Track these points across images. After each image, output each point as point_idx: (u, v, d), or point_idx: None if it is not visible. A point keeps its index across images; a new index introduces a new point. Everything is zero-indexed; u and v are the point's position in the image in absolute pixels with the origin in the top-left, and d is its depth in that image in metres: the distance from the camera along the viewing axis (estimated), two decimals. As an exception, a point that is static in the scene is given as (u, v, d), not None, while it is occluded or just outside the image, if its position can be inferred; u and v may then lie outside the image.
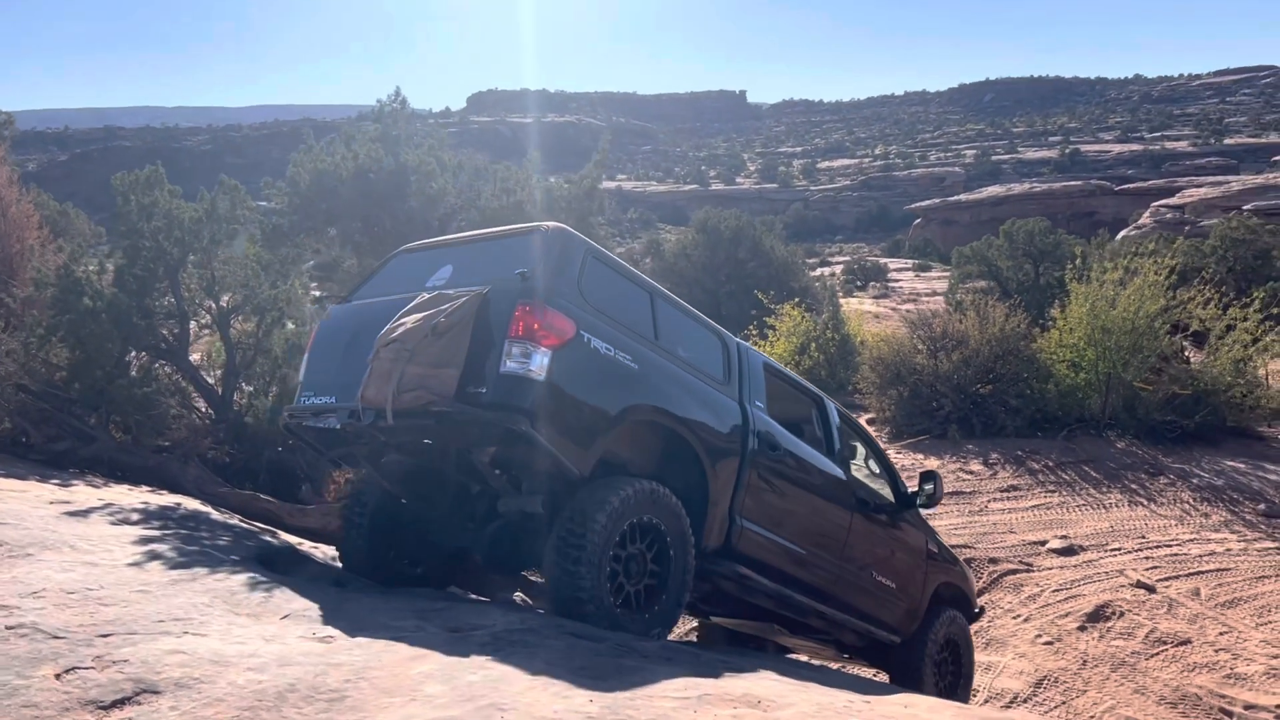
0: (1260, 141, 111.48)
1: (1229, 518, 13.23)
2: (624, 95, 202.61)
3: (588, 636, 4.46)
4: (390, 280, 5.85)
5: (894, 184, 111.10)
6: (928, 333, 17.91)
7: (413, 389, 4.72)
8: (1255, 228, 23.59)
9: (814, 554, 6.24)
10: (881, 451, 7.54)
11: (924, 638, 7.22)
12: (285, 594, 4.57)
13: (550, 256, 5.02)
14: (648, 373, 5.19)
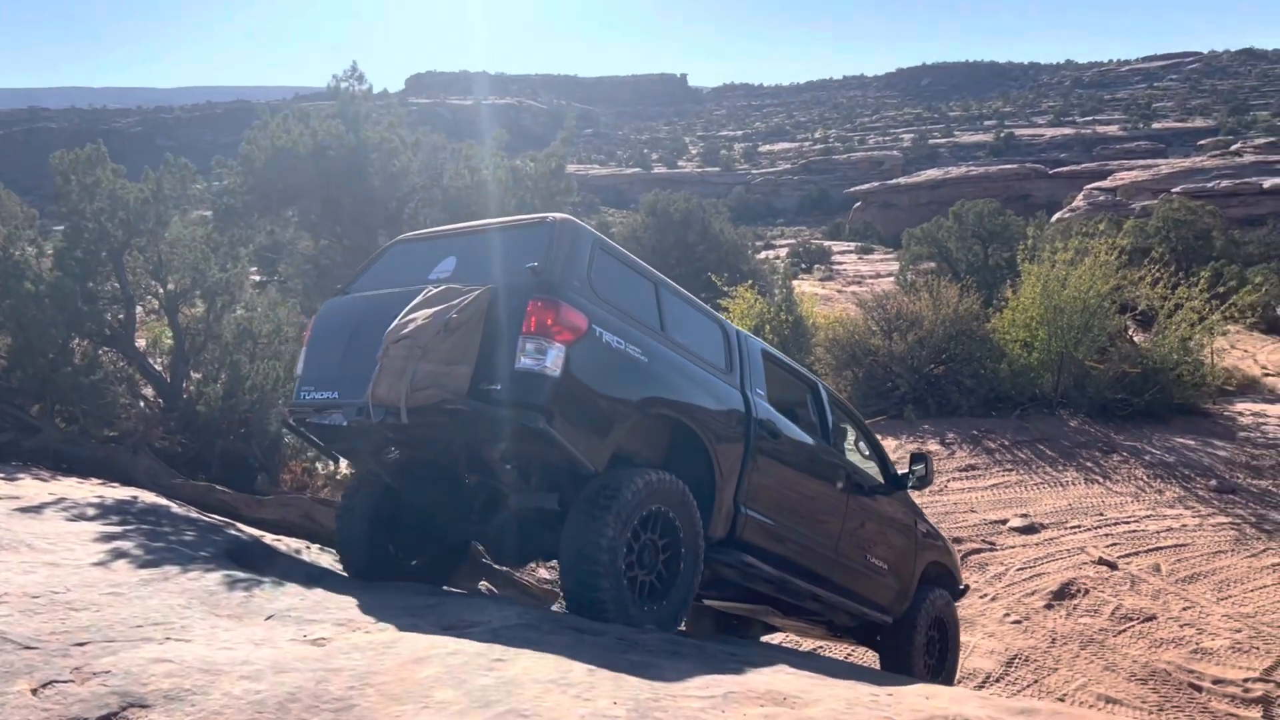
0: (1186, 126, 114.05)
1: (1182, 494, 13.43)
2: (565, 78, 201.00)
3: (589, 631, 4.28)
4: (389, 271, 5.66)
5: (834, 167, 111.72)
6: (882, 314, 17.94)
7: (426, 387, 4.60)
8: (1195, 209, 24.10)
9: (813, 539, 6.25)
10: (870, 433, 7.53)
11: (914, 617, 7.28)
12: (265, 592, 4.30)
13: (560, 249, 4.88)
14: (656, 365, 5.13)
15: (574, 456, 4.61)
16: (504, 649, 3.57)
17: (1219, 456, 14.90)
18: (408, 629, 3.87)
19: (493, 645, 3.63)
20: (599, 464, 4.72)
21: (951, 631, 7.76)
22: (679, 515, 4.99)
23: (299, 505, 9.14)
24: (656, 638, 4.37)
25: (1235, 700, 8.30)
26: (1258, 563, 11.13)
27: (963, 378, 16.91)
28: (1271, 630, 9.46)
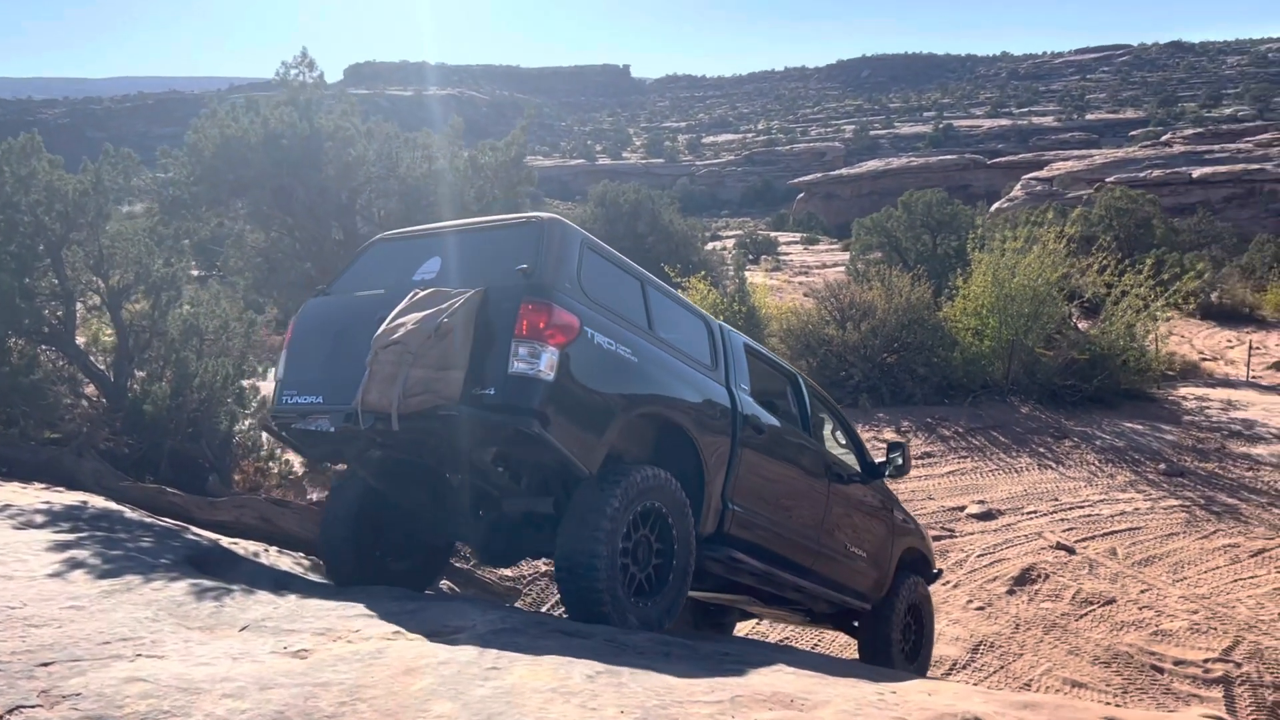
0: (1119, 117, 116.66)
1: (1133, 478, 13.64)
2: (507, 69, 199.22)
3: (576, 634, 4.15)
4: (370, 272, 5.52)
5: (777, 159, 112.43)
6: (836, 304, 17.98)
7: (419, 393, 4.51)
8: (1136, 198, 24.55)
9: (797, 531, 6.28)
10: (847, 422, 7.55)
11: (891, 604, 7.37)
12: (235, 601, 4.09)
13: (549, 249, 4.79)
14: (646, 365, 5.09)
15: (569, 460, 4.55)
16: (496, 656, 3.42)
17: (1166, 440, 15.17)
18: (391, 637, 3.69)
19: (484, 652, 3.48)
20: (593, 466, 4.65)
21: (926, 616, 7.87)
22: (671, 511, 4.96)
23: (254, 507, 8.85)
24: (644, 638, 4.26)
25: (1197, 681, 8.41)
26: (1209, 544, 11.33)
27: (916, 366, 17.01)
28: (1226, 611, 9.62)
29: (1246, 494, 12.98)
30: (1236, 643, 8.94)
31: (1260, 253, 35.06)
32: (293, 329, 5.49)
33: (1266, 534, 11.57)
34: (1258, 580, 10.32)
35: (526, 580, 10.08)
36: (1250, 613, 9.54)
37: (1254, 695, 8.18)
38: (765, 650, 4.67)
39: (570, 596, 4.62)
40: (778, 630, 9.43)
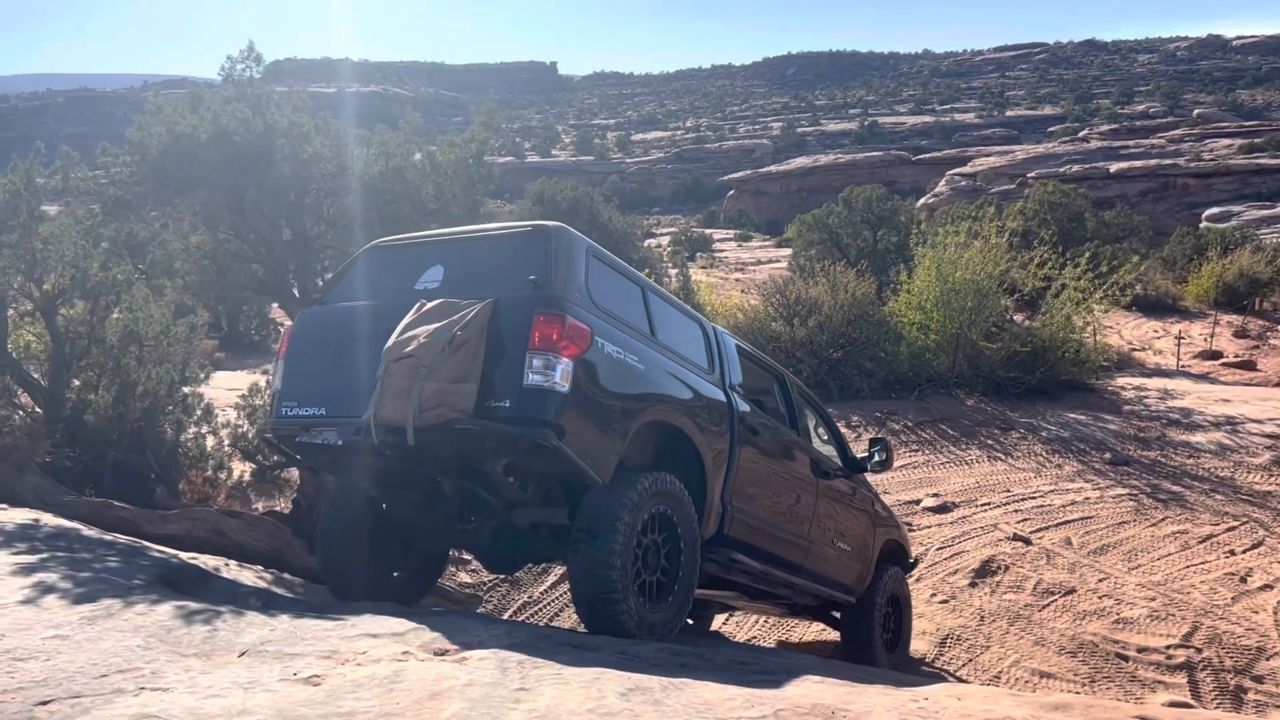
0: (1037, 113, 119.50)
1: (1080, 467, 13.89)
2: (431, 65, 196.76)
3: (584, 646, 4.03)
4: (366, 280, 5.44)
5: (706, 156, 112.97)
6: (782, 300, 18.02)
7: (433, 406, 4.48)
8: (1068, 192, 25.13)
9: (790, 529, 6.41)
10: (829, 417, 7.67)
11: (873, 596, 7.59)
12: (227, 624, 3.87)
13: (558, 259, 4.78)
14: (652, 372, 5.13)
15: (583, 471, 4.56)
16: (520, 677, 3.27)
17: (1109, 430, 15.48)
18: (401, 658, 3.51)
19: (505, 672, 3.32)
20: (606, 476, 4.66)
21: (905, 605, 8.17)
22: (678, 516, 4.99)
23: (206, 519, 8.52)
24: (653, 649, 4.15)
25: (1160, 668, 8.55)
26: (1159, 531, 11.56)
27: (863, 361, 17.12)
28: (1182, 596, 9.81)
29: (1189, 481, 13.30)
30: (1195, 628, 9.11)
31: (1180, 245, 36.15)
32: (289, 339, 5.39)
33: (1212, 520, 11.85)
34: (1208, 566, 10.55)
35: (486, 587, 9.90)
36: (1205, 598, 9.74)
37: (1216, 679, 8.33)
38: (778, 656, 4.58)
39: (586, 607, 4.64)
40: (745, 628, 9.38)
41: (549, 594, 9.78)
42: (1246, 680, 8.34)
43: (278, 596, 5.16)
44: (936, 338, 17.46)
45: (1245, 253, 32.52)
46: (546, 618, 9.33)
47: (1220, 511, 12.14)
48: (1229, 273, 31.07)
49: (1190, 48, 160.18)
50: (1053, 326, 17.48)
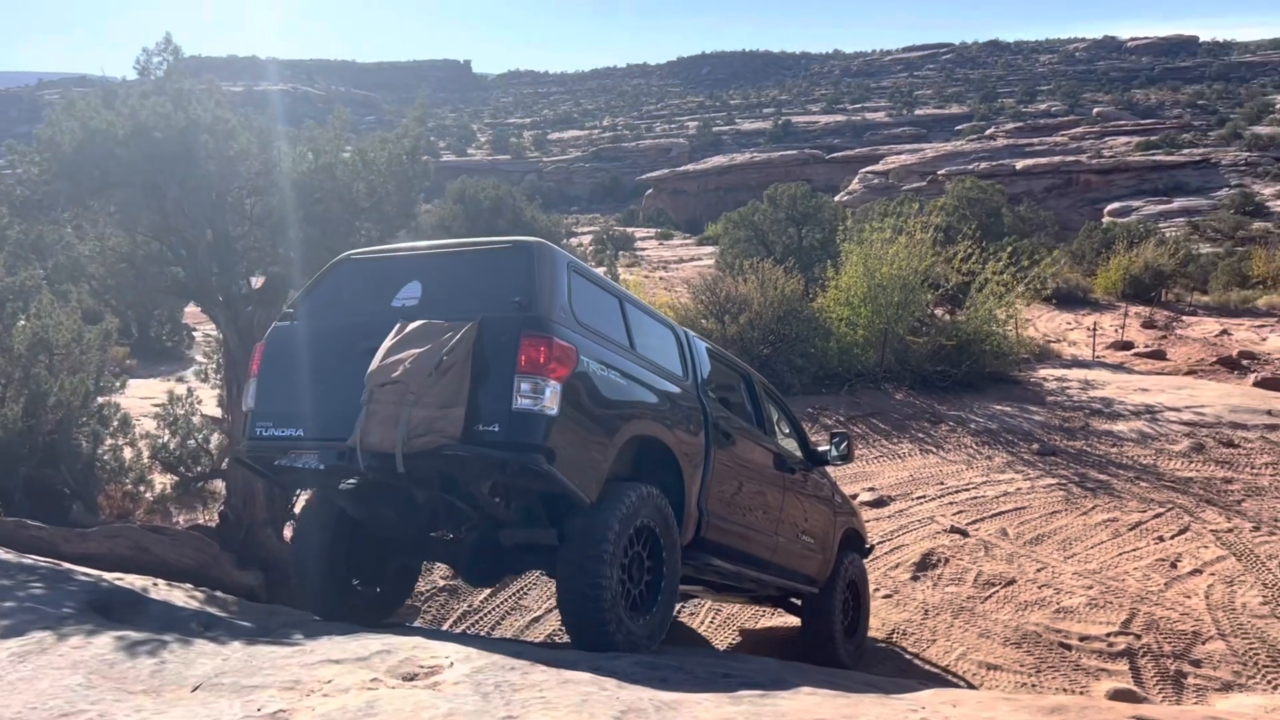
0: (945, 112, 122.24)
1: (1010, 459, 14.11)
2: (341, 63, 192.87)
3: (557, 663, 3.83)
4: (340, 296, 5.30)
5: (624, 155, 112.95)
6: (712, 298, 17.99)
7: (423, 434, 4.41)
8: (986, 188, 25.69)
9: (759, 528, 6.52)
10: (790, 411, 7.77)
11: (833, 584, 7.76)
12: (174, 654, 3.58)
13: (541, 277, 4.72)
14: (634, 388, 5.14)
15: (573, 492, 4.53)
16: (502, 701, 3.06)
17: (1035, 421, 15.78)
18: (371, 685, 3.27)
19: (486, 698, 3.11)
20: (593, 495, 4.64)
21: (863, 591, 8.40)
22: (660, 527, 5.00)
23: (128, 536, 8.09)
24: (630, 662, 3.99)
25: (1103, 655, 8.66)
26: (1090, 520, 11.78)
27: (793, 357, 17.18)
28: (1118, 584, 9.99)
29: (1114, 469, 13.60)
30: (1133, 615, 9.27)
31: (1089, 240, 37.25)
32: (260, 357, 5.26)
33: (1139, 507, 12.12)
34: (1140, 553, 10.77)
35: (424, 597, 9.60)
36: (1139, 585, 9.93)
37: (1157, 665, 8.47)
38: (756, 664, 4.44)
39: (575, 623, 4.64)
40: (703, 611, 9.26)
41: (488, 603, 9.52)
42: (1185, 665, 8.50)
43: (218, 619, 4.85)
44: (864, 333, 17.61)
45: (1150, 246, 33.65)
46: (487, 627, 9.08)
47: (1146, 499, 12.43)
48: (1135, 266, 32.11)
49: (1088, 49, 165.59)
50: (977, 320, 17.77)
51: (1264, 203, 62.48)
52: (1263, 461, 13.88)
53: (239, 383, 8.86)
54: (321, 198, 8.23)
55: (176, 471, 10.02)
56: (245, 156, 7.47)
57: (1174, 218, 61.76)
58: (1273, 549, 10.81)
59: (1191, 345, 24.62)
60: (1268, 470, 13.54)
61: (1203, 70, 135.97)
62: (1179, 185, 70.50)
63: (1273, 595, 9.69)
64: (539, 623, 9.09)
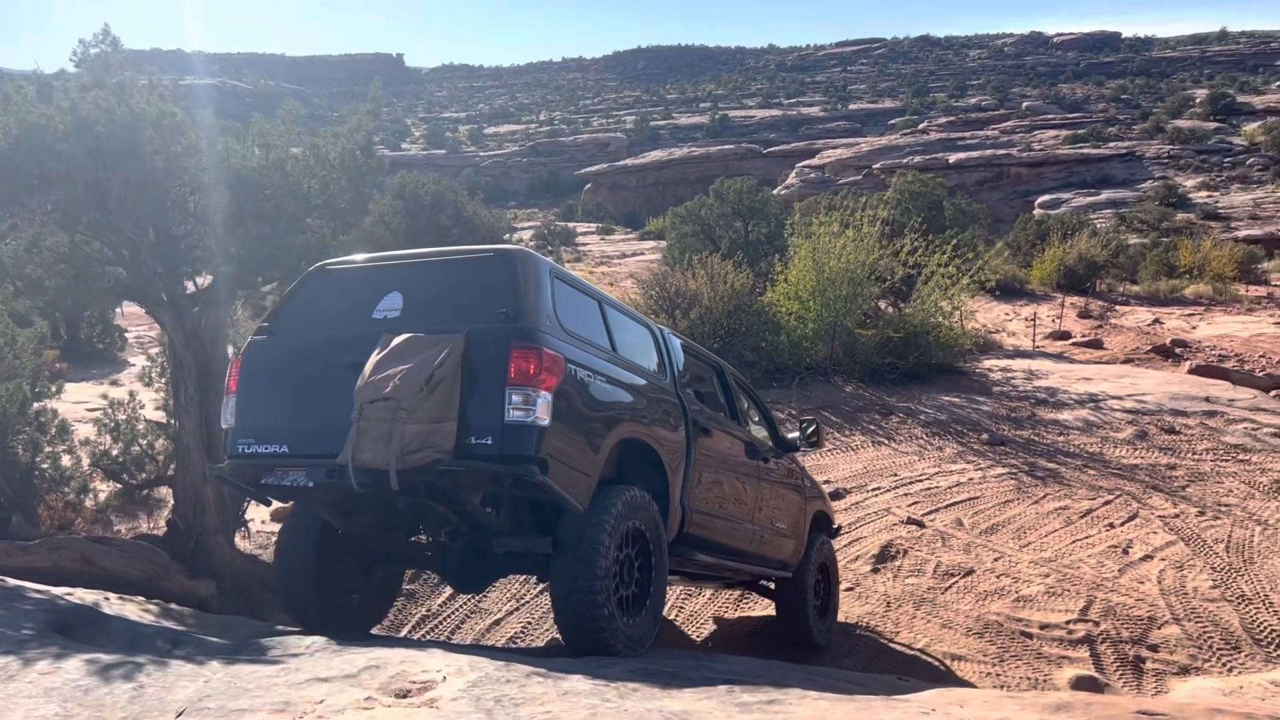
0: (878, 107, 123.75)
1: (960, 449, 14.26)
2: (271, 57, 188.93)
3: (553, 673, 3.71)
4: (317, 307, 5.22)
5: (561, 149, 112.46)
6: (662, 292, 17.92)
7: (417, 450, 4.37)
8: (927, 181, 26.02)
9: (738, 520, 6.68)
10: (759, 399, 7.91)
11: (805, 567, 8.00)
12: (152, 678, 3.39)
13: (525, 286, 4.71)
14: (619, 391, 5.18)
15: (566, 500, 4.55)
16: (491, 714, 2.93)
17: (983, 411, 15.98)
18: (366, 705, 3.12)
19: (489, 715, 2.98)
20: (586, 502, 4.67)
21: (832, 571, 8.70)
22: (648, 528, 5.06)
23: (73, 548, 7.79)
24: (624, 670, 3.91)
25: (1063, 643, 8.77)
26: (1042, 508, 11.94)
27: (744, 351, 17.19)
28: (1073, 572, 10.13)
29: (1063, 458, 13.82)
30: (1090, 602, 9.40)
31: (1024, 231, 37.94)
32: (239, 371, 5.14)
33: (1088, 495, 12.32)
34: (1092, 540, 10.94)
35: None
36: (1094, 572, 10.08)
37: (1116, 651, 8.59)
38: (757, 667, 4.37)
39: (572, 628, 4.69)
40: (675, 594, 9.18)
41: (446, 606, 9.35)
42: (1143, 650, 8.63)
43: (185, 636, 4.64)
44: (814, 327, 17.68)
45: (1083, 238, 34.37)
46: (447, 631, 8.91)
47: (1095, 486, 12.65)
48: (1069, 257, 32.78)
49: (1016, 44, 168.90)
50: (924, 312, 17.94)
51: (1186, 194, 64.35)
52: (1203, 447, 14.22)
53: (186, 386, 8.57)
54: (272, 194, 7.98)
55: (119, 479, 9.68)
56: (193, 152, 7.19)
57: (1101, 209, 63.31)
58: (1218, 533, 11.06)
59: (1126, 334, 25.19)
60: (1209, 456, 13.88)
61: (1125, 65, 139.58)
62: (1106, 178, 72.28)
63: (1222, 579, 9.91)
64: (499, 625, 8.96)
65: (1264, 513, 11.70)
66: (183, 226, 8.30)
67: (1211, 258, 34.79)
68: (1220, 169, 70.43)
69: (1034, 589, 9.76)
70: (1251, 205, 60.31)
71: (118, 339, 22.13)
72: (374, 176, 8.14)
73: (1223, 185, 66.79)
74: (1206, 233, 48.47)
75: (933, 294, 18.09)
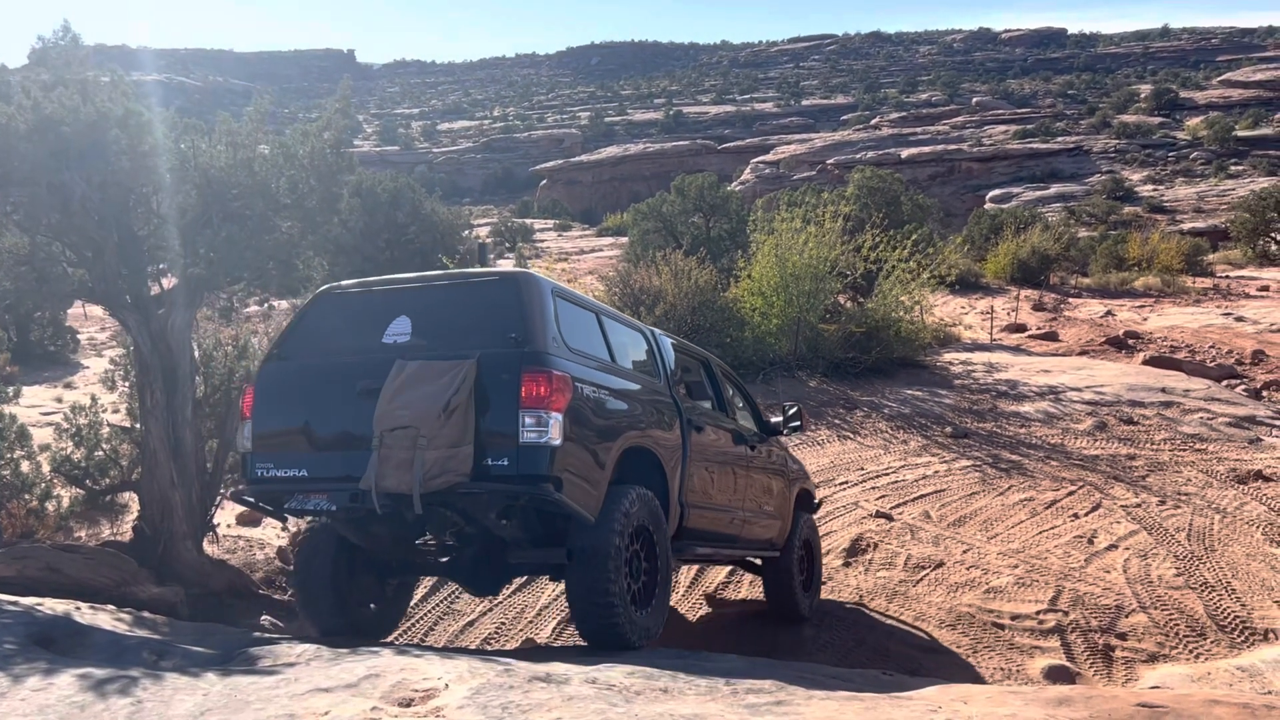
0: (831, 102, 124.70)
1: (925, 442, 14.41)
2: (218, 52, 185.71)
3: (551, 679, 3.68)
4: (325, 331, 5.43)
5: (515, 145, 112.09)
6: (626, 289, 17.90)
7: (437, 475, 4.60)
8: (885, 176, 26.26)
9: (731, 508, 7.02)
10: (743, 385, 8.24)
11: (791, 545, 8.37)
12: (149, 692, 3.31)
13: (532, 309, 4.92)
14: (621, 401, 5.40)
15: (578, 513, 4.78)
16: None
17: (946, 404, 16.16)
18: (372, 715, 3.08)
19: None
20: (596, 513, 4.89)
21: (815, 546, 9.14)
22: (653, 524, 5.32)
23: (39, 556, 7.61)
24: (623, 672, 3.87)
25: (1034, 633, 8.89)
26: (1007, 500, 12.11)
27: (709, 347, 17.20)
28: (1041, 563, 10.28)
29: (1025, 450, 14.03)
30: (1059, 592, 9.54)
31: (978, 225, 38.42)
32: (253, 396, 5.37)
33: (1052, 486, 12.52)
34: (1058, 531, 11.11)
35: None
36: (1061, 562, 10.23)
37: (1086, 640, 8.73)
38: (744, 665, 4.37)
39: (590, 627, 5.00)
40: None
41: (419, 608, 9.26)
42: (1112, 639, 8.78)
43: (171, 646, 4.55)
44: (778, 322, 17.77)
45: (1036, 231, 34.89)
46: (420, 633, 8.84)
47: (1058, 477, 12.85)
48: (1023, 250, 33.25)
49: (964, 40, 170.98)
50: (885, 307, 18.11)
51: (1133, 188, 65.65)
52: (1161, 438, 14.50)
53: (152, 389, 8.41)
54: (240, 194, 7.85)
55: (82, 485, 9.47)
56: (159, 151, 7.04)
57: (1051, 203, 64.38)
58: (1179, 521, 11.29)
59: (1080, 326, 25.61)
60: (1166, 446, 14.16)
61: (1072, 61, 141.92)
62: (1054, 172, 73.49)
63: (1185, 566, 10.11)
64: (473, 626, 8.90)
65: (1222, 501, 11.96)
66: (147, 227, 8.14)
67: (1159, 250, 35.48)
68: (1165, 163, 71.92)
69: (1004, 580, 9.89)
70: (1195, 198, 61.66)
71: (69, 341, 21.66)
72: (343, 175, 8.02)
73: (1167, 179, 68.22)
74: (1153, 226, 49.53)
75: (893, 289, 18.26)
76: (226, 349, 9.63)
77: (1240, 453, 13.92)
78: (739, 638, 8.61)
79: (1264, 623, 8.95)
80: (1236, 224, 42.74)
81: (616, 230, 50.94)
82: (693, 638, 8.15)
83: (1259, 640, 8.67)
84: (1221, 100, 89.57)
